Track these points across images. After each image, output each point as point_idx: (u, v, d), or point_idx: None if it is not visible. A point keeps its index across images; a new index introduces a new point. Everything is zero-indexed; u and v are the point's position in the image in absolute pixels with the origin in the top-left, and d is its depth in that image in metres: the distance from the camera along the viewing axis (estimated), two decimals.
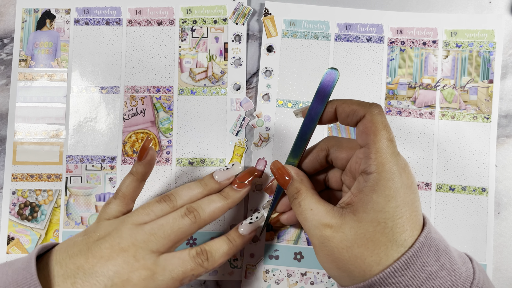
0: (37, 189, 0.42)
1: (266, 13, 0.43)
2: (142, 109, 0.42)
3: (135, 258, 0.31)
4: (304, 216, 0.30)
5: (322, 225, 0.28)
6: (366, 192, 0.27)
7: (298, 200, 0.30)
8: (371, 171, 0.27)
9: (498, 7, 0.43)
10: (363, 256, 0.26)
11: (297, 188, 0.31)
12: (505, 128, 0.42)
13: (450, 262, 0.27)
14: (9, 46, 0.43)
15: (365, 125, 0.28)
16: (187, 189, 0.36)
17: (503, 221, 0.41)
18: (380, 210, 0.26)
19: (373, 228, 0.26)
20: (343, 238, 0.27)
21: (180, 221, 0.33)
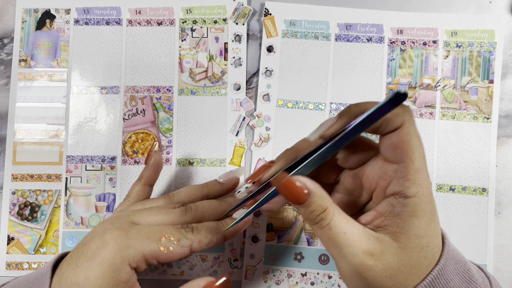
0: (37, 189, 0.42)
1: (266, 13, 0.43)
2: (142, 109, 0.42)
3: (111, 223, 0.30)
4: (336, 242, 0.25)
5: (363, 253, 0.25)
6: (405, 217, 0.25)
7: (327, 222, 0.25)
8: (409, 195, 0.25)
9: (499, 7, 0.43)
10: (407, 282, 0.25)
11: (322, 207, 0.25)
12: (506, 128, 0.42)
13: (468, 273, 0.27)
14: (9, 46, 0.43)
15: (401, 139, 0.24)
16: (187, 189, 0.36)
17: (503, 221, 0.41)
18: (422, 235, 0.25)
19: (416, 254, 0.25)
20: (387, 267, 0.25)
21: (170, 209, 0.32)
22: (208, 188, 0.36)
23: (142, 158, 0.42)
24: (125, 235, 0.29)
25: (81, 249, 0.30)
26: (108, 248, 0.29)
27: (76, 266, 0.29)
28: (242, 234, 0.41)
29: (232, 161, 0.42)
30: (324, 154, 0.26)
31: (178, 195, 0.35)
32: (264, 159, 0.41)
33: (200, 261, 0.41)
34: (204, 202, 0.34)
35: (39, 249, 0.41)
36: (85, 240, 0.30)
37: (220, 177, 0.37)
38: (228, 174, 0.37)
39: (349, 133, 0.25)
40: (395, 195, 0.25)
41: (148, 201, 0.34)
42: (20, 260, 0.41)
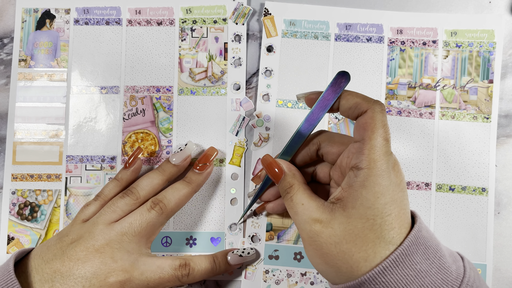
0: (37, 189, 0.42)
1: (266, 13, 0.43)
2: (142, 109, 0.42)
3: (112, 259, 0.32)
4: (295, 211, 0.30)
5: (312, 220, 0.28)
6: (355, 187, 0.27)
7: (290, 195, 0.30)
8: (362, 167, 0.27)
9: (498, 7, 0.43)
10: (351, 252, 0.27)
11: (290, 183, 0.31)
12: (505, 128, 0.42)
13: (440, 260, 0.27)
14: (9, 46, 0.43)
15: (365, 120, 0.28)
16: (147, 179, 0.36)
17: (503, 221, 0.41)
18: (369, 206, 0.27)
19: (361, 225, 0.27)
20: (331, 234, 0.27)
21: (148, 215, 0.34)
22: (167, 173, 0.37)
23: (142, 158, 0.42)
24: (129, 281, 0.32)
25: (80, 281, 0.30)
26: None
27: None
28: (242, 233, 0.41)
29: (232, 161, 0.42)
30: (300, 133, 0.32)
31: (143, 190, 0.36)
32: None
33: None
34: (174, 192, 0.36)
35: None
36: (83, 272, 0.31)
37: (173, 157, 0.38)
38: (180, 154, 0.38)
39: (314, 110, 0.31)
40: (352, 168, 0.28)
41: (117, 205, 0.35)
42: None
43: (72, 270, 0.31)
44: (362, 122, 0.28)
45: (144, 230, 0.34)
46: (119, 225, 0.33)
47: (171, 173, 0.37)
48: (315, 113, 0.31)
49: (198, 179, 0.37)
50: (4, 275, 0.29)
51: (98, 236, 0.32)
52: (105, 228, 0.33)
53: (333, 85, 0.30)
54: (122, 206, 0.35)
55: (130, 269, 0.32)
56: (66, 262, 0.31)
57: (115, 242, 0.32)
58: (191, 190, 0.37)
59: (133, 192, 0.35)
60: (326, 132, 0.33)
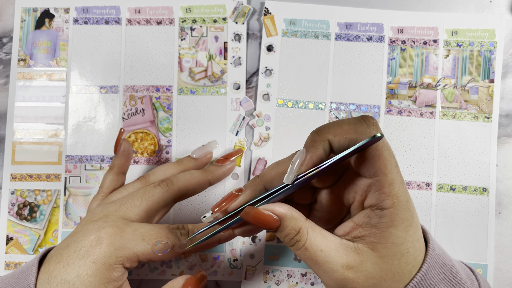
0: (36, 189, 0.42)
1: (266, 12, 0.42)
2: (141, 109, 0.42)
3: (104, 221, 0.30)
4: (315, 261, 0.25)
5: (343, 267, 0.25)
6: (382, 228, 0.25)
7: (302, 243, 0.25)
8: (386, 207, 0.25)
9: (499, 7, 0.42)
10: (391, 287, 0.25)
11: (295, 228, 0.26)
12: (506, 127, 0.42)
13: (455, 277, 0.26)
14: (8, 45, 0.43)
15: (372, 154, 0.25)
16: (161, 168, 0.36)
17: (504, 221, 0.41)
18: (401, 243, 0.25)
19: (397, 261, 0.25)
20: (368, 277, 0.25)
21: (152, 190, 0.33)
22: (183, 165, 0.36)
23: (142, 157, 0.42)
24: (120, 234, 0.30)
25: (72, 247, 0.29)
26: (103, 247, 0.29)
27: (67, 264, 0.29)
28: None
29: None
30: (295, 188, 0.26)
31: (154, 175, 0.35)
32: (264, 158, 0.41)
33: (199, 261, 0.41)
34: (185, 174, 0.34)
35: (38, 249, 0.41)
36: (75, 238, 0.30)
37: (194, 153, 0.37)
38: (201, 149, 0.37)
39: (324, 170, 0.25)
40: (371, 207, 0.26)
41: (125, 187, 0.34)
42: (19, 260, 0.41)
43: (67, 242, 0.30)
44: (368, 156, 0.25)
45: (145, 203, 0.32)
46: (120, 199, 0.32)
47: (187, 166, 0.36)
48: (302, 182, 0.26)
49: (215, 170, 0.37)
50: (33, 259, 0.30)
51: (97, 211, 0.32)
52: (107, 204, 0.33)
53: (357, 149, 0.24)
54: (129, 188, 0.34)
55: (121, 226, 0.30)
56: (66, 239, 0.31)
57: (112, 210, 0.31)
58: (205, 179, 0.35)
59: (144, 177, 0.35)
60: None
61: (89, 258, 0.29)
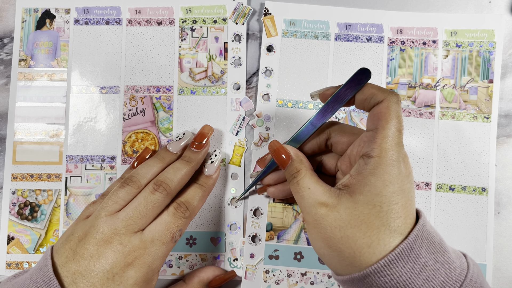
0: (37, 189, 0.42)
1: (266, 13, 0.43)
2: (142, 109, 0.42)
3: (122, 245, 0.31)
4: (301, 194, 0.30)
5: (318, 203, 0.29)
6: (365, 174, 0.27)
7: (297, 179, 0.31)
8: (373, 155, 0.27)
9: (498, 7, 0.43)
10: (355, 237, 0.27)
11: (297, 168, 0.31)
12: (505, 127, 0.42)
13: (444, 255, 0.27)
14: (9, 45, 0.43)
15: (380, 110, 0.28)
16: (146, 167, 0.36)
17: (503, 220, 0.41)
18: (377, 193, 0.27)
19: (368, 211, 0.27)
20: (337, 218, 0.28)
21: (152, 197, 0.33)
22: (166, 161, 0.37)
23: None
24: (147, 253, 0.32)
25: (102, 275, 0.30)
26: (138, 269, 0.32)
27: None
28: (242, 233, 0.41)
29: (232, 161, 0.42)
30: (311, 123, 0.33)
31: (143, 178, 0.35)
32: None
33: (200, 260, 0.41)
34: (176, 172, 0.35)
35: (39, 248, 0.41)
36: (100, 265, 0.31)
37: (170, 146, 0.37)
38: (178, 143, 0.38)
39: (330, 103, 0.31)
40: (363, 156, 0.28)
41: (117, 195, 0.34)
42: (20, 259, 0.41)
43: (89, 267, 0.30)
44: (376, 111, 0.28)
45: (150, 212, 0.33)
46: (123, 212, 0.33)
47: (170, 161, 0.37)
48: (330, 106, 0.31)
49: (196, 158, 0.37)
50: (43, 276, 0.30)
51: (103, 228, 0.32)
52: (110, 219, 0.33)
53: (352, 81, 0.30)
54: (124, 195, 0.34)
55: (140, 244, 0.32)
56: (81, 262, 0.31)
57: (121, 228, 0.32)
58: (191, 169, 0.36)
59: (133, 181, 0.35)
60: (337, 123, 0.34)
61: (128, 282, 0.31)
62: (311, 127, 0.33)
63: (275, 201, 0.41)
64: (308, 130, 0.33)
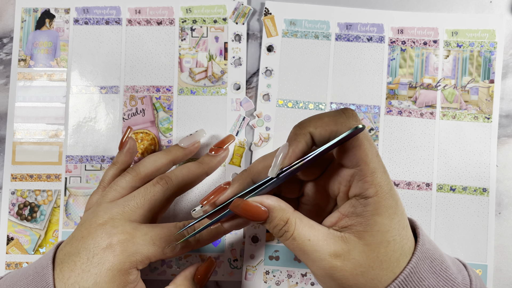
0: (36, 189, 0.42)
1: (266, 13, 0.42)
2: (141, 109, 0.42)
3: (113, 226, 0.31)
4: (303, 250, 0.26)
5: (330, 255, 0.26)
6: (367, 216, 0.26)
7: (290, 233, 0.26)
8: (369, 195, 0.26)
9: (499, 7, 0.42)
10: (379, 276, 0.26)
11: (283, 219, 0.26)
12: (506, 128, 0.42)
13: (446, 272, 0.27)
14: (8, 45, 0.43)
15: (352, 144, 0.26)
16: (150, 158, 0.36)
17: (504, 221, 0.41)
18: (387, 230, 0.26)
19: (384, 249, 0.26)
20: (356, 265, 0.26)
21: (152, 188, 0.33)
22: (172, 154, 0.36)
23: (142, 157, 0.42)
24: (132, 240, 0.31)
25: (84, 254, 0.30)
26: (116, 254, 0.30)
27: (82, 271, 0.30)
28: (242, 234, 0.41)
29: (232, 161, 0.42)
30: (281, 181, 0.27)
31: (145, 167, 0.35)
32: None
33: (200, 261, 0.41)
34: (182, 169, 0.35)
35: (39, 249, 0.41)
36: (85, 244, 0.31)
37: (181, 142, 0.37)
38: (189, 138, 0.37)
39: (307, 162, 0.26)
40: (356, 197, 0.26)
41: (117, 183, 0.34)
42: (19, 260, 0.41)
43: (77, 247, 0.31)
44: (349, 147, 0.26)
45: (148, 203, 0.33)
46: (122, 200, 0.33)
47: (176, 155, 0.37)
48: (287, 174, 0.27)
49: (210, 161, 0.37)
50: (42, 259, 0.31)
51: (101, 212, 0.32)
52: (108, 204, 0.33)
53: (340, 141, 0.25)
54: (123, 184, 0.34)
55: (131, 231, 0.31)
56: (74, 244, 0.31)
57: (116, 213, 0.32)
58: (202, 171, 0.36)
59: (133, 169, 0.35)
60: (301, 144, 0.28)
61: (104, 266, 0.30)
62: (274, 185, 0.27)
63: None
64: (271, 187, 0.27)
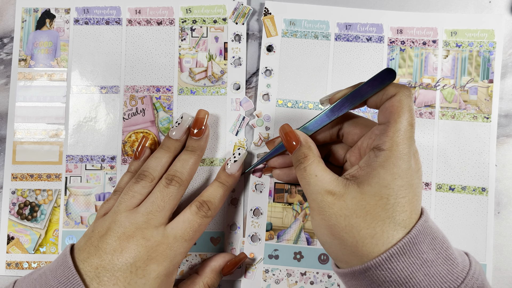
0: (36, 189, 0.42)
1: (266, 13, 0.43)
2: (142, 109, 0.42)
3: (145, 239, 0.32)
4: (307, 181, 0.30)
5: (325, 191, 0.29)
6: (374, 166, 0.28)
7: (304, 165, 0.30)
8: (383, 148, 0.27)
9: (498, 7, 0.43)
10: (359, 227, 0.27)
11: (304, 154, 0.31)
12: (505, 127, 0.42)
13: (446, 251, 0.27)
14: (9, 45, 0.43)
15: (392, 103, 0.28)
16: (155, 160, 0.37)
17: (503, 220, 0.41)
18: (385, 185, 0.27)
19: (374, 202, 0.27)
20: (342, 206, 0.28)
21: (167, 191, 0.35)
22: (172, 150, 0.38)
23: None
24: (168, 246, 0.33)
25: (125, 268, 0.31)
26: (160, 263, 0.32)
27: (128, 284, 0.31)
28: (242, 233, 0.41)
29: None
30: (324, 116, 0.32)
31: (155, 171, 0.36)
32: None
33: (200, 260, 0.41)
34: (184, 164, 0.36)
35: (39, 248, 0.41)
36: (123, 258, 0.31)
37: (172, 134, 0.38)
38: (179, 128, 0.38)
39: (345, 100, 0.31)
40: (373, 149, 0.28)
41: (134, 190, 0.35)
42: (20, 259, 0.41)
43: (113, 261, 0.31)
44: (388, 105, 0.28)
45: (168, 205, 0.34)
46: (142, 207, 0.34)
47: (176, 149, 0.38)
48: (348, 101, 0.31)
49: (199, 145, 0.38)
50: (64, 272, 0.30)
51: (125, 223, 0.33)
52: (130, 214, 0.33)
53: (375, 79, 0.30)
54: (140, 190, 0.35)
55: (163, 240, 0.33)
56: (103, 256, 0.31)
57: (142, 223, 0.33)
58: (197, 157, 0.37)
59: (146, 175, 0.36)
60: (350, 113, 0.34)
61: (151, 275, 0.32)
62: (325, 118, 0.32)
63: (275, 200, 0.41)
64: (321, 120, 0.32)
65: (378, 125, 0.30)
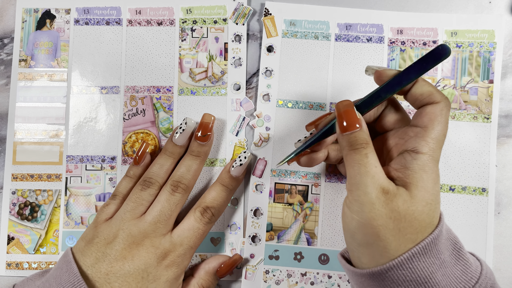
0: (37, 189, 0.42)
1: (266, 13, 0.43)
2: (142, 109, 0.42)
3: (154, 247, 0.33)
4: (366, 170, 0.27)
5: (381, 187, 0.27)
6: (415, 169, 0.28)
7: (366, 152, 0.28)
8: (423, 152, 0.28)
9: (498, 7, 0.43)
10: (406, 231, 0.27)
11: (366, 140, 0.28)
12: (505, 128, 0.42)
13: (459, 252, 0.28)
14: (9, 46, 0.43)
15: (435, 110, 0.29)
16: (159, 167, 0.37)
17: (503, 221, 0.41)
18: (428, 191, 0.27)
19: (421, 208, 0.27)
20: (394, 209, 0.27)
21: (174, 198, 0.35)
22: (176, 155, 0.38)
23: None
24: (177, 255, 0.34)
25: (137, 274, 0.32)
26: (169, 269, 0.34)
27: None
28: (242, 234, 0.41)
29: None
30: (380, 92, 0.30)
31: (160, 178, 0.37)
32: (264, 158, 0.41)
33: (200, 261, 0.41)
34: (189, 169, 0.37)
35: (39, 249, 0.41)
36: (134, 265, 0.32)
37: (177, 140, 0.38)
38: (183, 135, 0.38)
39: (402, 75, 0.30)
40: (409, 151, 0.28)
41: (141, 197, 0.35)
42: (20, 260, 0.41)
43: (124, 267, 0.32)
44: (430, 111, 0.29)
45: (174, 212, 0.35)
46: (149, 215, 0.35)
47: (179, 154, 0.38)
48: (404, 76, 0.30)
49: (204, 150, 0.38)
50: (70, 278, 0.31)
51: (133, 231, 0.34)
52: (138, 222, 0.34)
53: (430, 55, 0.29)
54: (147, 197, 0.36)
55: (171, 247, 0.34)
56: (113, 263, 0.32)
57: (150, 232, 0.34)
58: (201, 162, 0.38)
59: (153, 183, 0.36)
60: (394, 99, 0.33)
61: (161, 279, 0.33)
62: (377, 97, 0.30)
63: (275, 201, 0.41)
64: (376, 97, 0.30)
65: (413, 127, 0.30)
